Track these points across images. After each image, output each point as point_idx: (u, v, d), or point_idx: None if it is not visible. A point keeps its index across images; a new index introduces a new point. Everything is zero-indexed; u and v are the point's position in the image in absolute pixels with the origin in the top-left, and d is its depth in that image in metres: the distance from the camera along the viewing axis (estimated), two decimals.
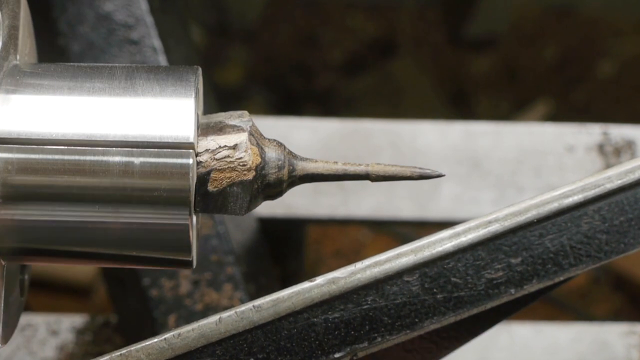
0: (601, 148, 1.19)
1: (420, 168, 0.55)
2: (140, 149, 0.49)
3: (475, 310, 0.53)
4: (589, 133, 1.19)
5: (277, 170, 0.55)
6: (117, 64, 0.53)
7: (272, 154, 0.55)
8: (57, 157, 0.49)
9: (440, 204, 1.15)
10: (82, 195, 0.49)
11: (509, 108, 2.29)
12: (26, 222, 0.51)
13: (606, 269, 0.62)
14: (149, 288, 0.96)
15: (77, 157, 0.49)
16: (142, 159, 0.49)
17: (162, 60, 0.98)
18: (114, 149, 0.49)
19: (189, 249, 0.52)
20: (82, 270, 1.67)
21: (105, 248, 0.52)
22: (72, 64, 0.56)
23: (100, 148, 0.49)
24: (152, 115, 0.51)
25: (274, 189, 0.55)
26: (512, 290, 0.54)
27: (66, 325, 1.08)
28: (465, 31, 2.31)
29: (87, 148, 0.49)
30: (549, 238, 0.54)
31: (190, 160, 0.52)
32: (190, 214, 0.50)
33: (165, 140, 0.51)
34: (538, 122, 2.13)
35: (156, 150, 0.50)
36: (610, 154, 1.18)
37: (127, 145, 0.49)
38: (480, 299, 0.54)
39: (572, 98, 2.30)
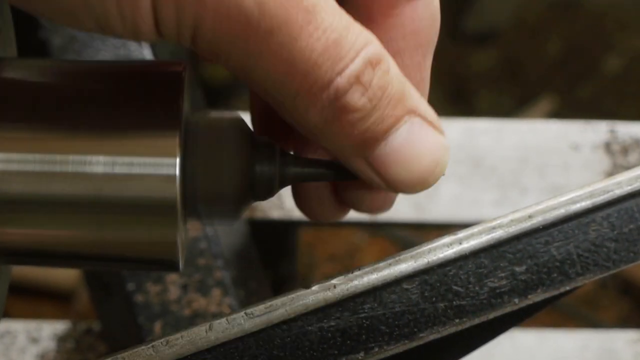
0: (608, 146, 1.19)
1: None
2: (123, 156, 0.49)
3: (477, 320, 0.53)
4: (595, 131, 1.19)
5: (267, 168, 0.55)
6: (95, 61, 0.52)
7: (262, 152, 0.55)
8: (36, 165, 0.49)
9: (439, 205, 1.15)
10: (62, 202, 0.49)
11: (511, 105, 2.29)
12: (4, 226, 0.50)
13: (613, 274, 0.62)
14: (134, 293, 0.96)
15: (57, 166, 0.49)
16: (125, 164, 0.49)
17: (148, 54, 0.98)
18: (95, 157, 0.49)
19: (176, 253, 0.52)
20: (64, 275, 1.67)
21: (86, 252, 0.51)
22: (50, 59, 0.56)
23: (81, 156, 0.49)
24: (136, 117, 0.51)
25: (263, 188, 0.55)
26: (516, 300, 0.54)
27: (47, 332, 1.08)
28: (465, 24, 2.32)
29: (68, 156, 0.49)
30: (555, 246, 0.54)
31: (177, 160, 0.51)
32: (176, 219, 0.50)
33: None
34: (542, 119, 2.13)
35: (141, 152, 0.50)
36: (617, 152, 1.19)
37: (109, 154, 0.49)
38: (482, 308, 0.53)
39: (578, 94, 2.30)
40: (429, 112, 0.49)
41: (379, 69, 0.46)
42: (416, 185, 0.49)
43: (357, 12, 0.52)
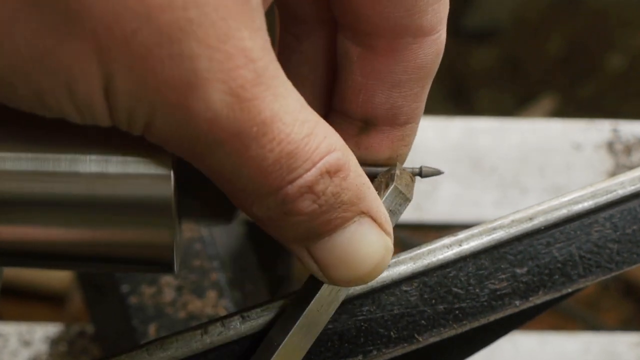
0: (610, 146, 1.19)
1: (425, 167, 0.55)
2: (117, 155, 0.49)
3: (477, 323, 0.53)
4: (597, 130, 1.20)
5: None
6: None
7: None
8: (28, 163, 0.49)
9: (439, 206, 1.15)
10: (55, 201, 0.49)
11: (512, 103, 2.29)
12: None
13: (615, 276, 0.62)
14: (128, 295, 0.96)
15: (49, 164, 0.49)
16: (119, 162, 0.49)
17: None
18: (87, 155, 0.49)
19: (171, 254, 0.51)
20: (57, 277, 1.67)
21: (80, 253, 0.51)
22: None
23: (73, 154, 0.49)
24: None
25: None
26: (517, 302, 0.54)
27: (39, 335, 1.08)
28: (465, 21, 2.32)
29: (60, 154, 0.49)
30: (557, 247, 0.54)
31: (171, 158, 0.51)
32: (171, 219, 0.50)
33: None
34: (543, 118, 2.13)
35: (135, 150, 0.50)
36: (620, 152, 1.19)
37: (102, 152, 0.49)
38: (483, 310, 0.53)
39: (580, 93, 2.30)
40: (382, 213, 0.49)
41: (337, 177, 0.47)
42: (351, 281, 0.49)
43: (360, 43, 0.52)
